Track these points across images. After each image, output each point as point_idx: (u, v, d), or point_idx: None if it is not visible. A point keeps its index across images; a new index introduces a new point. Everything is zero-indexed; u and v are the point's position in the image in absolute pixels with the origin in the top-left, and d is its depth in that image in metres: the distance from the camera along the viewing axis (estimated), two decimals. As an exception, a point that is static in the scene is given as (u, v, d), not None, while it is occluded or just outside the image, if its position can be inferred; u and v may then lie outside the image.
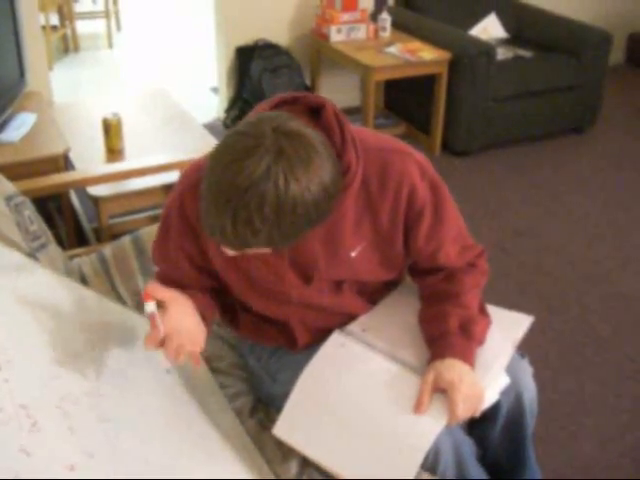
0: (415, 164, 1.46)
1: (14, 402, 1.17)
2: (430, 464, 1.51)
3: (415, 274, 1.69)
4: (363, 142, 1.42)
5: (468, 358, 1.51)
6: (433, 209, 1.50)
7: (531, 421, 1.74)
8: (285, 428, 1.51)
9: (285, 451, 1.60)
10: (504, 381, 1.56)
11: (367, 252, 1.52)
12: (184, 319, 1.44)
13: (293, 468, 1.56)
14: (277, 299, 1.58)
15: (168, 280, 1.56)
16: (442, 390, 1.46)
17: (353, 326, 1.65)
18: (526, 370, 1.68)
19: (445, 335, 1.53)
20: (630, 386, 2.58)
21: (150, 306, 1.38)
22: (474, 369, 1.51)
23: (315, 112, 1.38)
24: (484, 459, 1.80)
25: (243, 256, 1.39)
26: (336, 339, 1.62)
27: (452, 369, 1.47)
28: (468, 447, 1.62)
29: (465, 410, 1.45)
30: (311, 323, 1.65)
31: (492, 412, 1.64)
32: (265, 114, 1.24)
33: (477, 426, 1.75)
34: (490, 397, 1.52)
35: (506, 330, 1.63)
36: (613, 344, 2.79)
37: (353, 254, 1.50)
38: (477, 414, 1.49)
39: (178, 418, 1.47)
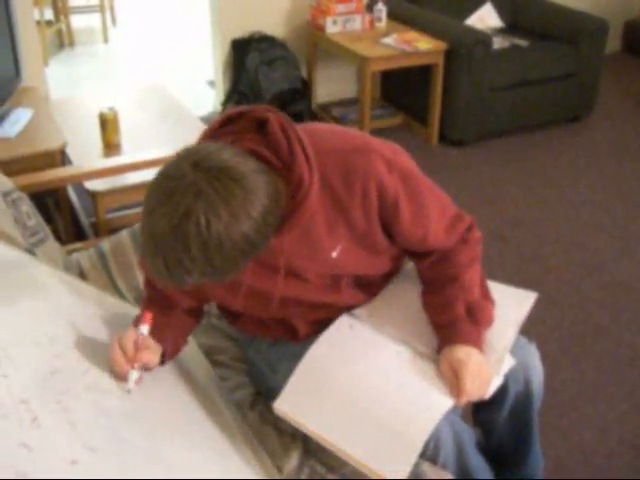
0: (379, 159, 1.43)
1: (14, 397, 1.17)
2: (431, 454, 1.52)
3: (411, 257, 1.69)
4: (321, 144, 1.41)
5: (477, 343, 1.53)
6: (408, 196, 1.47)
7: (538, 404, 1.76)
8: (286, 402, 1.50)
9: (286, 443, 1.60)
10: (509, 363, 1.57)
11: (349, 250, 1.51)
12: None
13: (294, 460, 1.57)
14: (265, 301, 1.57)
15: (157, 293, 1.62)
16: (455, 371, 1.49)
17: (359, 311, 1.66)
18: (534, 354, 1.71)
19: (453, 322, 1.55)
20: (629, 374, 2.59)
21: (145, 330, 1.47)
22: (482, 352, 1.54)
23: (262, 125, 1.35)
24: (488, 444, 1.81)
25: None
26: (344, 321, 1.63)
27: (461, 350, 1.50)
28: (468, 436, 1.62)
29: (474, 389, 1.47)
30: (311, 317, 1.65)
31: (500, 395, 1.66)
32: (190, 149, 1.23)
33: (484, 409, 1.77)
34: (496, 380, 1.53)
35: (510, 309, 1.65)
36: (612, 332, 2.80)
37: (334, 254, 1.50)
38: (486, 397, 1.51)
39: (179, 411, 1.47)
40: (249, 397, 1.74)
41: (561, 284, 3.09)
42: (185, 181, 1.16)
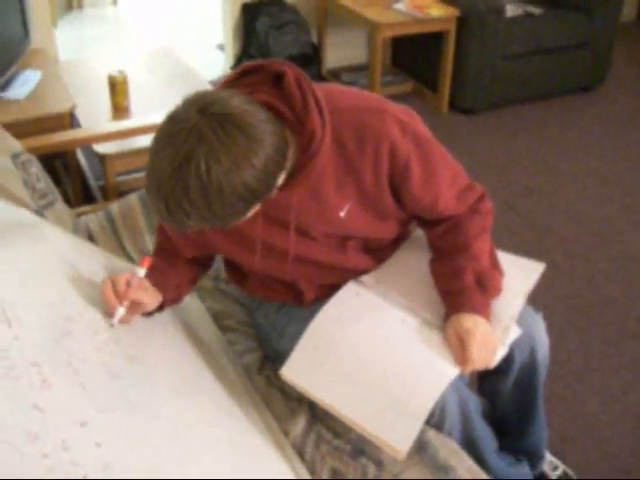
0: (393, 121, 1.43)
1: (25, 359, 1.18)
2: (436, 422, 1.53)
3: (421, 225, 1.70)
4: (336, 103, 1.41)
5: (484, 312, 1.53)
6: (420, 160, 1.47)
7: (543, 375, 1.77)
8: (293, 369, 1.51)
9: (293, 407, 1.61)
10: (515, 333, 1.57)
11: (356, 210, 1.51)
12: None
13: (301, 424, 1.58)
14: (281, 258, 1.57)
15: (166, 241, 1.66)
16: (461, 340, 1.49)
17: (367, 278, 1.65)
18: (540, 325, 1.71)
19: (462, 291, 1.54)
20: (635, 346, 2.59)
21: (141, 272, 1.49)
22: (489, 321, 1.54)
23: (278, 79, 1.36)
24: (493, 414, 1.82)
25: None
26: (351, 288, 1.63)
27: (469, 319, 1.50)
28: (474, 404, 1.63)
29: (480, 358, 1.47)
30: (318, 280, 1.65)
31: (505, 365, 1.67)
32: (198, 93, 1.24)
33: (489, 379, 1.78)
34: (501, 349, 1.53)
35: (517, 280, 1.65)
36: (619, 304, 2.80)
37: (342, 214, 1.50)
38: (491, 366, 1.51)
39: (188, 374, 1.48)
40: (257, 361, 1.75)
41: (570, 255, 3.09)
42: (189, 125, 1.17)
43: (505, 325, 1.56)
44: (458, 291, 1.55)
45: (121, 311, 1.44)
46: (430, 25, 4.10)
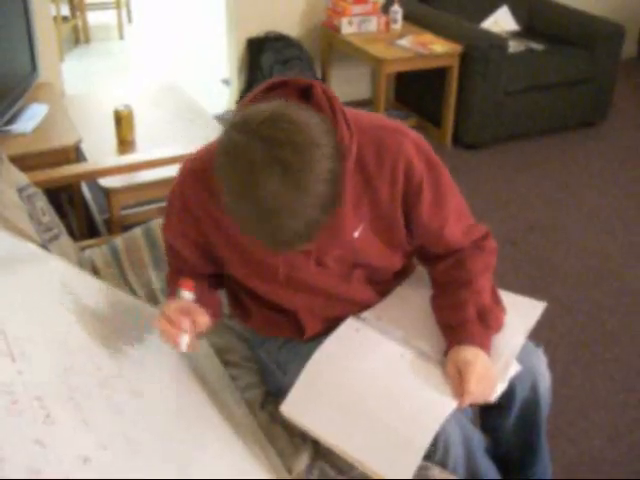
0: (410, 141, 1.48)
1: (28, 394, 1.17)
2: (440, 458, 1.52)
3: (425, 260, 1.70)
4: (357, 122, 1.44)
5: (485, 345, 1.53)
6: (432, 184, 1.52)
7: (545, 410, 1.76)
8: (293, 406, 1.51)
9: (296, 443, 1.61)
10: (515, 368, 1.57)
11: (368, 233, 1.53)
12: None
13: (304, 461, 1.57)
14: (284, 282, 1.57)
15: (182, 263, 1.66)
16: (460, 372, 1.48)
17: (367, 313, 1.66)
18: (541, 359, 1.71)
19: (464, 323, 1.55)
20: (639, 381, 2.58)
21: (189, 295, 1.50)
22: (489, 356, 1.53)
23: (305, 94, 1.39)
24: (496, 451, 1.81)
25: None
26: (351, 324, 1.63)
27: (469, 351, 1.50)
28: (477, 440, 1.62)
29: (478, 391, 1.46)
30: (319, 311, 1.65)
31: (506, 401, 1.66)
32: (260, 107, 1.25)
33: (491, 415, 1.77)
34: (501, 385, 1.53)
35: (518, 318, 1.65)
36: (623, 340, 2.79)
37: (356, 234, 1.51)
38: (490, 400, 1.50)
39: (191, 410, 1.48)
40: (259, 397, 1.75)
41: (572, 290, 3.08)
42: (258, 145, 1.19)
43: (505, 361, 1.56)
44: (459, 324, 1.55)
45: (186, 338, 1.45)
46: (433, 61, 4.14)
